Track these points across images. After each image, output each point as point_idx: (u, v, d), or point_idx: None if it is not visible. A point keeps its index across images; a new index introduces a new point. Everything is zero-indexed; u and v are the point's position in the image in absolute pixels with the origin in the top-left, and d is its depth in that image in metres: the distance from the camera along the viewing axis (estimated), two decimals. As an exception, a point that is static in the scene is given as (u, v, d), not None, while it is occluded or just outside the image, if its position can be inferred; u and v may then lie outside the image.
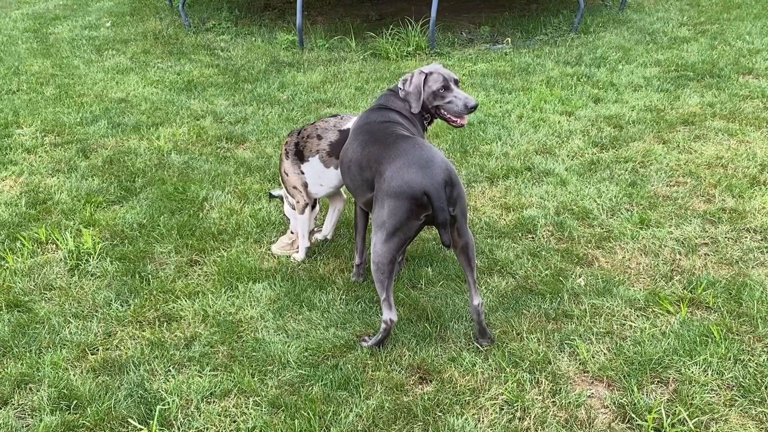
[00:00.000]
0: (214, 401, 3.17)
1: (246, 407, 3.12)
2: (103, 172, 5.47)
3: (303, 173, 4.13)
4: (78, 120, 6.52)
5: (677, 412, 2.98)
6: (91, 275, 4.15)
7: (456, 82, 3.74)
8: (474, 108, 3.68)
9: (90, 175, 5.43)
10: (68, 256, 4.28)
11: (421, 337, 3.53)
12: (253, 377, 3.30)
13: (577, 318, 3.64)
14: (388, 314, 3.37)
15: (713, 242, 4.27)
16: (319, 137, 4.05)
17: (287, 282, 4.02)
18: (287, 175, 4.20)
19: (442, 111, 3.74)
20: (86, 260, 4.26)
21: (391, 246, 3.26)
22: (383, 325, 3.40)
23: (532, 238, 4.43)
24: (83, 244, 4.35)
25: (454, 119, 3.73)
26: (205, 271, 4.18)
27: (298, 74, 7.77)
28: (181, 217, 4.75)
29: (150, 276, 4.11)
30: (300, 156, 4.11)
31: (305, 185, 4.16)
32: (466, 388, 3.20)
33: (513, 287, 3.91)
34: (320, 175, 4.10)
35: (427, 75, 3.70)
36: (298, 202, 4.20)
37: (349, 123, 3.99)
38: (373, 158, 3.38)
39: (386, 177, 3.25)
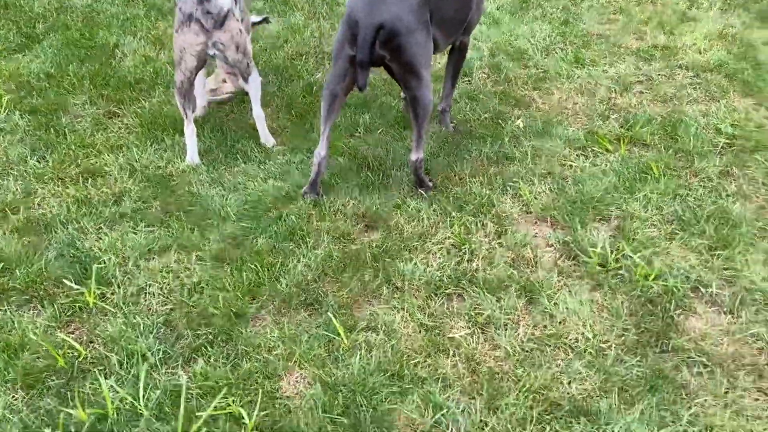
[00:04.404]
0: (153, 258, 3.03)
1: (189, 262, 2.99)
2: (-4, 17, 4.96)
3: None
4: (-42, -41, 5.81)
5: (620, 248, 3.04)
6: (1, 130, 3.81)
7: None
8: None
9: (-18, 21, 4.91)
10: (-30, 111, 3.91)
11: (363, 185, 3.44)
12: (193, 232, 3.15)
13: (519, 160, 3.61)
14: (317, 147, 3.35)
15: (647, 80, 4.26)
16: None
17: (217, 133, 3.81)
18: None
19: None
20: (-9, 115, 3.91)
21: (333, 73, 3.21)
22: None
23: (469, 81, 4.31)
24: (-14, 98, 3.98)
25: None
26: (126, 124, 3.90)
27: None
28: (92, 65, 4.38)
29: (66, 130, 3.81)
30: None
31: None
32: (412, 234, 3.16)
33: (453, 132, 3.83)
34: None
35: None
36: None
37: None
38: None
39: None
